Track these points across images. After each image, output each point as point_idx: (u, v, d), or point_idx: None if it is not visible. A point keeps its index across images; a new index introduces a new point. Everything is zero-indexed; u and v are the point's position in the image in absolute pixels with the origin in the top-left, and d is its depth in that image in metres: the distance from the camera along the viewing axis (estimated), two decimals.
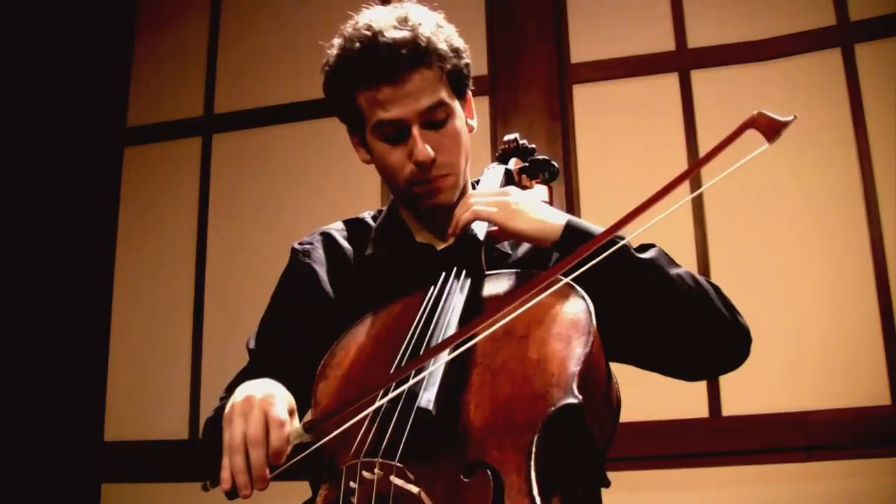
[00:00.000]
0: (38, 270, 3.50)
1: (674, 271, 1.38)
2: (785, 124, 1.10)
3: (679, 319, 1.34)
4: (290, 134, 3.68)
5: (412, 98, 1.44)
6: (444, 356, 1.16)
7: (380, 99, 1.45)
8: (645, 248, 1.41)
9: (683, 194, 3.01)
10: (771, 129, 1.11)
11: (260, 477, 1.11)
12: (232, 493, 1.13)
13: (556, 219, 1.39)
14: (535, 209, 1.40)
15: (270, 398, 1.16)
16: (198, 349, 3.56)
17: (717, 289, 1.40)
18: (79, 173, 3.72)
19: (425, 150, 1.45)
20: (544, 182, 1.69)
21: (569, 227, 1.37)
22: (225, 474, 1.13)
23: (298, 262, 1.63)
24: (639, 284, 1.34)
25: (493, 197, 1.42)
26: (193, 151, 3.79)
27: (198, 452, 1.29)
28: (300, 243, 1.66)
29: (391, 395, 1.15)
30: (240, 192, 3.69)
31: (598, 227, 1.37)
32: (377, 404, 1.15)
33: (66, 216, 3.64)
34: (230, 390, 1.50)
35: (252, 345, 1.59)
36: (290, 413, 1.18)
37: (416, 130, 1.45)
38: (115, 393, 3.63)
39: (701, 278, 1.40)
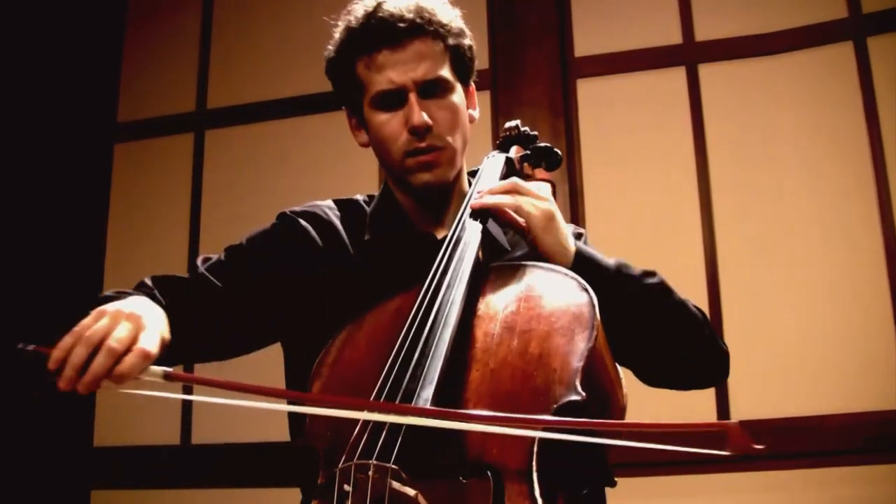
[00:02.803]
0: (27, 270, 3.48)
1: (673, 301, 1.45)
2: None
3: (675, 337, 1.43)
4: (285, 130, 3.68)
5: (411, 64, 1.47)
6: (448, 336, 1.18)
7: (379, 62, 1.47)
8: (649, 274, 1.46)
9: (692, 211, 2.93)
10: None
11: (89, 384, 1.09)
12: (53, 375, 1.09)
13: (570, 244, 1.41)
14: (563, 230, 1.42)
15: (153, 326, 1.16)
16: None
17: (704, 315, 1.49)
18: (68, 170, 3.71)
19: (421, 115, 1.46)
20: (547, 170, 1.68)
21: (578, 258, 1.40)
22: (58, 355, 1.10)
23: (286, 226, 1.62)
24: (641, 313, 1.41)
25: (538, 200, 1.41)
26: (186, 148, 3.79)
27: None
28: (291, 211, 1.65)
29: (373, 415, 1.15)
30: (233, 190, 3.67)
31: (603, 257, 1.44)
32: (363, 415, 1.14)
33: (55, 215, 3.62)
34: (155, 279, 1.53)
35: (201, 265, 1.59)
36: (161, 347, 1.19)
37: (413, 97, 1.47)
38: (105, 397, 3.61)
39: (692, 305, 1.48)
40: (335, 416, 1.14)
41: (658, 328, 1.41)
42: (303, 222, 1.61)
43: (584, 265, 1.37)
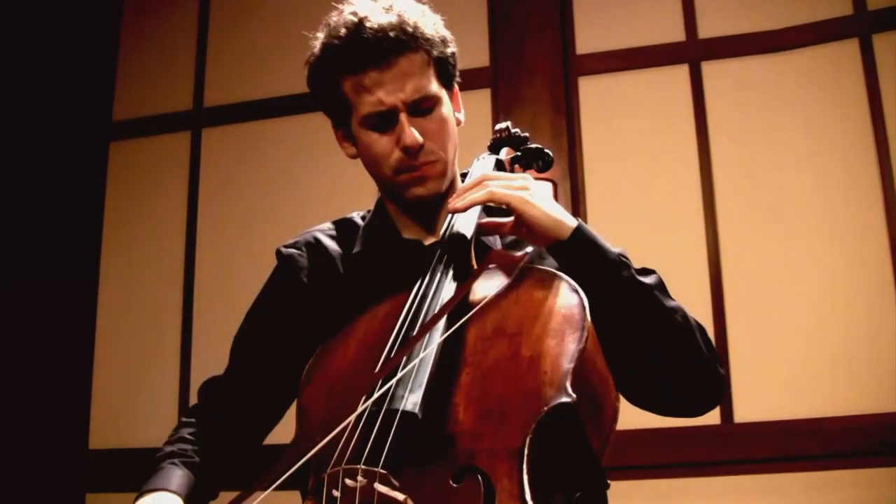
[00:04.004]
0: (20, 271, 3.49)
1: (670, 303, 1.39)
2: (520, 259, 1.20)
3: (666, 349, 1.35)
4: (283, 128, 3.68)
5: (399, 83, 1.45)
6: (437, 338, 1.16)
7: (366, 84, 1.46)
8: (645, 272, 1.41)
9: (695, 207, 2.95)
10: (508, 266, 1.20)
11: None
12: None
13: (568, 219, 1.38)
14: (551, 203, 1.40)
15: None
16: (187, 352, 3.55)
17: (703, 330, 1.41)
18: (63, 169, 3.71)
19: (413, 135, 1.46)
20: (538, 171, 1.67)
21: (578, 231, 1.36)
22: None
23: (282, 270, 1.64)
24: (634, 308, 1.35)
25: (510, 181, 1.40)
26: (182, 146, 3.79)
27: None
28: (285, 247, 1.67)
29: (373, 398, 1.14)
30: (230, 189, 3.68)
31: (604, 241, 1.38)
32: (360, 409, 1.14)
33: (50, 214, 3.63)
34: (197, 406, 1.58)
35: (234, 356, 1.63)
36: None
37: (403, 116, 1.46)
38: (101, 398, 3.62)
39: (691, 316, 1.41)
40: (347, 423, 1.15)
41: (649, 327, 1.35)
42: (296, 256, 1.63)
43: (582, 242, 1.35)
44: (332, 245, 1.64)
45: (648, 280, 1.38)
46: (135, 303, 3.68)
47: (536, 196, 1.37)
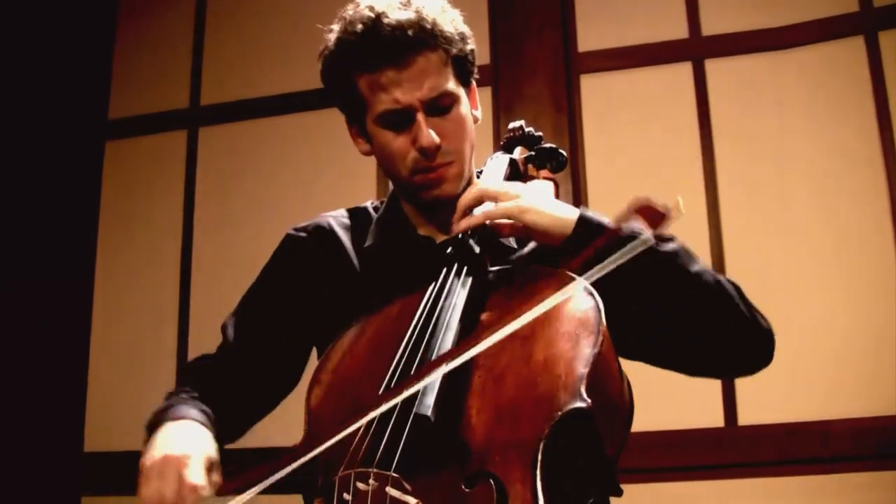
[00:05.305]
0: (15, 272, 3.48)
1: (695, 267, 1.37)
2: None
3: (700, 316, 1.34)
4: (281, 127, 3.67)
5: (417, 82, 1.44)
6: (442, 371, 1.15)
7: (383, 82, 1.45)
8: (664, 240, 1.38)
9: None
10: (654, 220, 1.15)
11: None
12: None
13: (569, 213, 1.38)
14: (547, 204, 1.40)
15: (186, 459, 1.22)
16: (183, 354, 3.55)
17: (737, 288, 1.40)
18: (58, 168, 3.70)
19: (430, 135, 1.45)
20: (552, 171, 1.68)
21: (582, 221, 1.36)
22: None
23: (290, 249, 1.65)
24: (660, 279, 1.34)
25: (502, 198, 1.40)
26: (179, 145, 3.79)
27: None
28: (296, 229, 1.67)
29: (382, 409, 1.14)
30: (228, 189, 3.68)
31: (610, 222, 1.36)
32: (369, 416, 1.14)
33: (45, 214, 3.62)
34: (187, 372, 1.59)
35: (228, 332, 1.61)
36: (211, 468, 1.24)
37: (420, 116, 1.45)
38: (96, 400, 3.61)
39: (721, 277, 1.40)
40: (348, 433, 1.14)
41: (680, 294, 1.34)
42: (306, 240, 1.64)
43: (588, 231, 1.34)
44: (343, 234, 1.64)
45: (669, 247, 1.37)
46: (131, 303, 3.67)
47: (530, 201, 1.38)
